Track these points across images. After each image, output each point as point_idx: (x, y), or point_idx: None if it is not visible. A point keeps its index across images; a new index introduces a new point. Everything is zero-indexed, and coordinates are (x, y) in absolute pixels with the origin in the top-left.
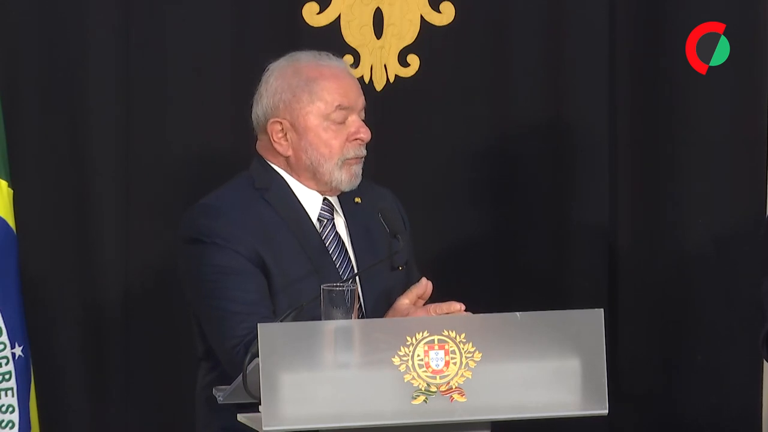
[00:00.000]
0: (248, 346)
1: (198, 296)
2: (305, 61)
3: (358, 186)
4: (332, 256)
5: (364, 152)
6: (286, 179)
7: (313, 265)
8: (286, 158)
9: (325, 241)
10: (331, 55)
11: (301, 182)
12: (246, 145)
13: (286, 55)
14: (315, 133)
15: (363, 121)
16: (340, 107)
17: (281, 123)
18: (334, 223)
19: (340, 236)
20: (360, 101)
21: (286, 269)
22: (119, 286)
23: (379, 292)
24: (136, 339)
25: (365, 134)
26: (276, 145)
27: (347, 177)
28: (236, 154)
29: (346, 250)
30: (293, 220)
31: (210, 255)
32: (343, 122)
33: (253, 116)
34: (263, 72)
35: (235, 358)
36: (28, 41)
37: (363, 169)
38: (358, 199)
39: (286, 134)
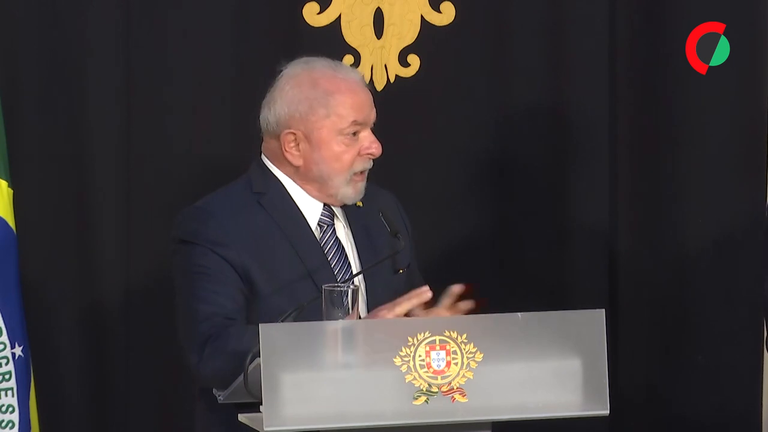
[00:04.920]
0: (203, 346)
1: (176, 293)
2: (322, 72)
3: None
4: (331, 261)
5: (371, 165)
6: (286, 185)
7: (307, 268)
8: (295, 167)
9: (324, 246)
10: (346, 66)
11: (305, 190)
12: (246, 145)
13: (298, 59)
14: (328, 147)
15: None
16: (355, 123)
17: (295, 134)
18: (334, 228)
19: (339, 241)
20: (372, 115)
21: (277, 274)
22: (119, 286)
23: (380, 295)
24: (136, 339)
25: (377, 150)
26: (287, 155)
27: (353, 193)
28: (236, 154)
29: (346, 254)
30: (289, 225)
31: (192, 255)
32: (355, 135)
33: (262, 119)
34: (277, 75)
35: (189, 356)
36: (28, 41)
37: None
38: (359, 203)
39: (298, 144)
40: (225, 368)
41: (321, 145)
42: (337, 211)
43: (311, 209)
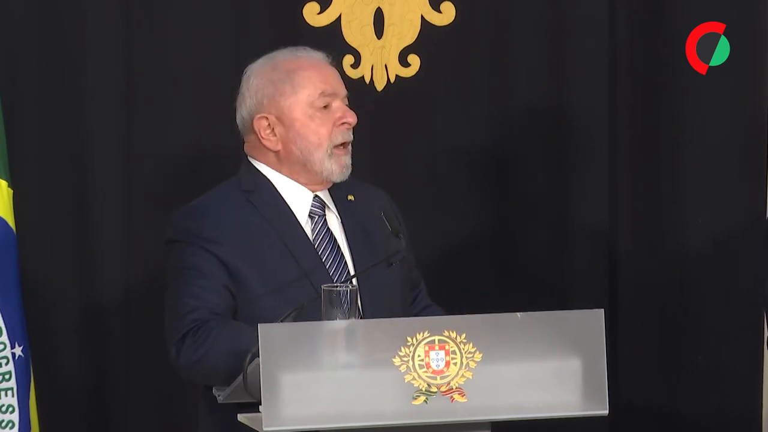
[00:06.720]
0: (183, 339)
1: (166, 289)
2: (282, 56)
3: (351, 185)
4: (322, 256)
5: (351, 137)
6: (272, 180)
7: (301, 267)
8: (276, 153)
9: (315, 241)
10: (308, 48)
11: (291, 178)
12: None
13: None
14: (302, 123)
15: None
16: (323, 94)
17: (267, 118)
18: (326, 219)
19: (332, 233)
20: (342, 89)
21: (270, 273)
22: (119, 286)
23: (376, 288)
24: (136, 339)
25: (351, 118)
26: (265, 141)
27: (338, 168)
28: (236, 154)
29: (339, 248)
30: (280, 223)
31: (183, 253)
32: (327, 109)
33: (238, 119)
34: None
35: (169, 349)
36: (28, 41)
37: (362, 168)
38: (351, 197)
39: (273, 129)
40: (202, 363)
41: (294, 123)
42: (329, 202)
43: (301, 200)
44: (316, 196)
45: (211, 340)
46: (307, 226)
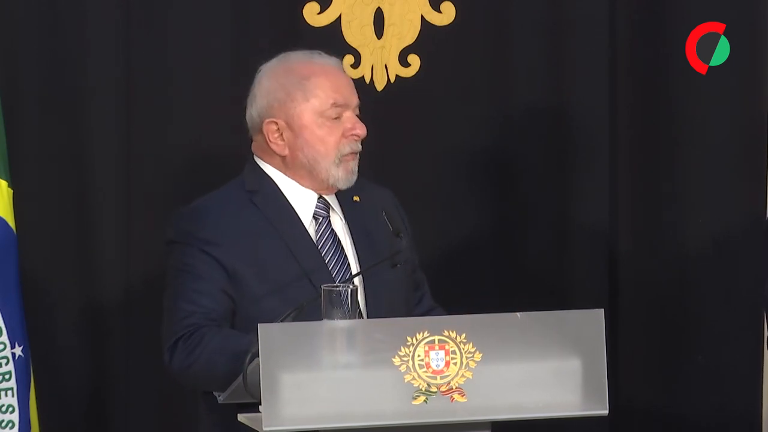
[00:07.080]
0: (175, 344)
1: (164, 291)
2: (297, 59)
3: (357, 185)
4: (325, 257)
5: (360, 147)
6: (277, 181)
7: (302, 268)
8: (282, 158)
9: (318, 242)
10: (323, 54)
11: (296, 181)
12: (246, 145)
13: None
14: (310, 131)
15: (358, 117)
16: (335, 104)
17: (277, 123)
18: (330, 220)
19: (336, 235)
20: (354, 99)
21: (271, 273)
22: (119, 286)
23: (379, 289)
24: (136, 339)
25: (361, 130)
26: (272, 145)
27: (344, 174)
28: (236, 155)
29: (343, 248)
30: (282, 223)
31: (182, 255)
32: (338, 119)
33: (248, 118)
34: (255, 73)
35: (164, 353)
36: (28, 41)
37: (363, 168)
38: (356, 198)
39: (282, 134)
40: (194, 367)
41: (303, 130)
42: (334, 204)
43: (305, 202)
44: (321, 197)
45: (203, 345)
46: (311, 228)
